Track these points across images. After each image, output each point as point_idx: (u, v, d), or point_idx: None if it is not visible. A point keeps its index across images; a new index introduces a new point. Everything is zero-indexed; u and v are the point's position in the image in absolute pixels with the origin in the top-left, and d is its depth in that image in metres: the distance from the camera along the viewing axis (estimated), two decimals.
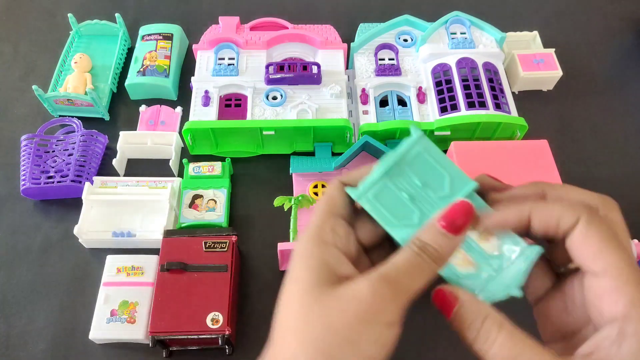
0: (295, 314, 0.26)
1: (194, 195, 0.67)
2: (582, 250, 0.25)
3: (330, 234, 0.28)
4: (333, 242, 0.28)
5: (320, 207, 0.29)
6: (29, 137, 0.70)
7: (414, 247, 0.27)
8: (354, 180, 0.30)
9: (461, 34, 0.77)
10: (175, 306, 0.55)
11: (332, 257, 0.27)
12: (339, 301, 0.25)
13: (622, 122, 0.79)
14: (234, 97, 0.73)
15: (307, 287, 0.26)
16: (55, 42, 0.85)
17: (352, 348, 0.24)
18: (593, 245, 0.25)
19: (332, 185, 0.30)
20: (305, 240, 0.28)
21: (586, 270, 0.25)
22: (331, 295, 0.25)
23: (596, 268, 0.24)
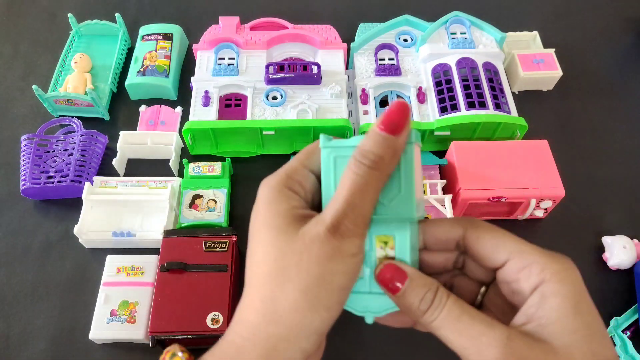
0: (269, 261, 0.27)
1: (194, 195, 0.67)
2: (481, 249, 0.28)
3: (296, 184, 0.29)
4: (298, 192, 0.29)
5: (297, 155, 0.30)
6: (29, 137, 0.70)
7: (354, 161, 0.27)
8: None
9: (461, 34, 0.77)
10: (175, 306, 0.55)
11: (297, 203, 0.28)
12: (305, 244, 0.26)
13: (622, 122, 0.79)
14: (234, 97, 0.73)
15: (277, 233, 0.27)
16: (55, 42, 0.85)
17: (326, 283, 0.26)
18: (487, 243, 0.28)
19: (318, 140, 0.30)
20: (272, 185, 0.28)
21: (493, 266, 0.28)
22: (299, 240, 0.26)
23: (500, 258, 0.27)
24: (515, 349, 0.24)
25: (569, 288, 0.25)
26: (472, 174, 0.65)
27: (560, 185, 0.64)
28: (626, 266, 0.65)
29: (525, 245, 0.27)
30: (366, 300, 0.30)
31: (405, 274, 0.28)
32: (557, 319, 0.24)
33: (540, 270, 0.25)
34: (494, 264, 0.28)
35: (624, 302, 0.64)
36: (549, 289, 0.25)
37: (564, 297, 0.25)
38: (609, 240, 0.66)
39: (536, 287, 0.25)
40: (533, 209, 0.65)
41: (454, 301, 0.27)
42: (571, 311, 0.24)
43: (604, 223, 0.70)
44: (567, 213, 0.69)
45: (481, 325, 0.26)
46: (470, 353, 0.26)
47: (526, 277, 0.26)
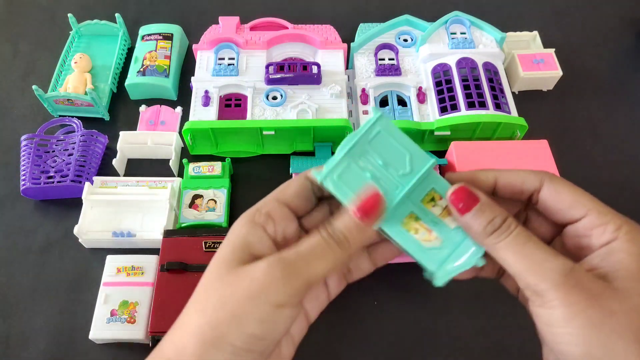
0: (201, 287, 0.28)
1: (194, 195, 0.67)
2: (558, 203, 0.29)
3: (263, 217, 0.29)
4: (263, 224, 0.29)
5: (271, 193, 0.31)
6: (29, 137, 0.70)
7: (323, 232, 0.28)
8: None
9: (461, 34, 0.77)
10: (175, 306, 0.54)
11: (254, 237, 0.28)
12: (236, 278, 0.26)
13: (622, 122, 0.79)
14: (234, 97, 0.73)
15: (219, 263, 0.28)
16: (55, 42, 0.85)
17: (237, 324, 0.26)
18: (566, 198, 0.29)
19: (296, 176, 0.32)
20: (239, 220, 0.29)
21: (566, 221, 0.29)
22: (234, 273, 0.27)
23: (577, 214, 0.28)
24: (576, 276, 0.25)
25: (637, 249, 0.26)
26: None
27: None
28: None
29: (602, 206, 0.28)
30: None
31: (477, 198, 0.29)
32: (621, 269, 0.25)
33: (615, 229, 0.27)
34: (569, 218, 0.29)
35: None
36: (618, 246, 0.26)
37: (631, 254, 0.26)
38: None
39: (607, 243, 0.27)
40: None
41: (522, 229, 0.28)
42: (636, 268, 0.25)
43: None
44: None
45: (546, 253, 0.26)
46: (529, 275, 0.26)
47: (599, 234, 0.27)
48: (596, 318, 0.24)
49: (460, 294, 0.63)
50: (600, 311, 0.24)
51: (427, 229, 0.31)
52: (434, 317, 0.62)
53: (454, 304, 0.63)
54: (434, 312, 0.62)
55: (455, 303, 0.63)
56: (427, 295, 0.63)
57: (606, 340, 0.23)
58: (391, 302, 0.62)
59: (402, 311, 0.62)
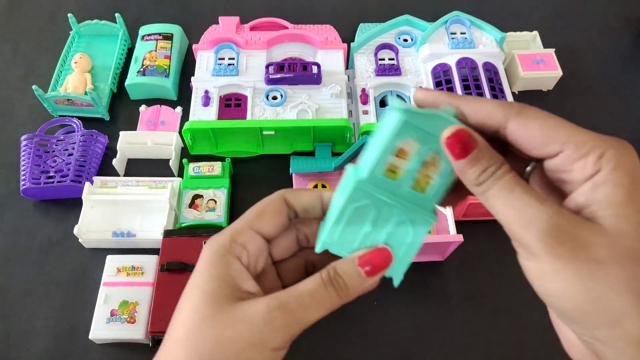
0: (190, 324, 0.27)
1: (194, 195, 0.67)
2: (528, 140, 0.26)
3: (239, 248, 0.28)
4: (239, 256, 0.28)
5: (245, 215, 0.30)
6: (29, 137, 0.70)
7: (324, 277, 0.27)
8: (298, 200, 0.30)
9: (461, 34, 0.77)
10: (175, 306, 0.55)
11: (235, 272, 0.28)
12: (233, 320, 0.26)
13: (622, 122, 0.80)
14: (234, 97, 0.73)
15: (207, 298, 0.27)
16: (55, 42, 0.85)
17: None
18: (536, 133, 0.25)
19: (270, 197, 0.30)
20: (215, 248, 0.29)
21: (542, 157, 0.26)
22: (228, 312, 0.26)
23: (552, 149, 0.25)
24: (561, 223, 0.23)
25: (622, 176, 0.23)
26: None
27: None
28: None
29: (581, 134, 0.25)
30: None
31: (476, 142, 0.26)
32: (607, 206, 0.23)
33: (596, 160, 0.24)
34: (543, 155, 0.26)
35: None
36: (602, 178, 0.24)
37: (616, 185, 0.23)
38: None
39: (590, 177, 0.24)
40: None
41: (511, 175, 0.25)
42: (624, 199, 0.23)
43: None
44: None
45: (532, 198, 0.24)
46: (514, 225, 0.24)
47: (581, 168, 0.24)
48: (584, 270, 0.22)
49: (460, 294, 0.63)
50: (587, 262, 0.22)
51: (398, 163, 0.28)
52: (434, 317, 0.62)
53: (454, 303, 0.63)
54: (434, 312, 0.62)
55: (455, 303, 0.63)
56: (427, 295, 0.63)
57: (596, 293, 0.22)
58: (391, 302, 0.62)
59: (402, 311, 0.62)
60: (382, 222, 0.29)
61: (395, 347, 0.60)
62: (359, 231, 0.29)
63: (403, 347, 0.60)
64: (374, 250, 0.28)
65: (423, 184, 0.29)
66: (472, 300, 0.63)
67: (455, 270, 0.65)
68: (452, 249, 0.62)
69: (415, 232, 0.29)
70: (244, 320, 0.26)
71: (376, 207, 0.29)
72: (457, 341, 0.60)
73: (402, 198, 0.29)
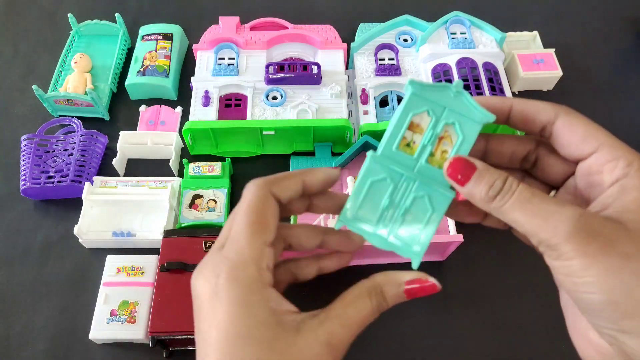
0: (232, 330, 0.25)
1: (194, 195, 0.67)
2: (570, 136, 0.28)
3: (266, 273, 0.27)
4: (269, 281, 0.27)
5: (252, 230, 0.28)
6: (29, 137, 0.70)
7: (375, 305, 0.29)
8: (284, 193, 0.30)
9: (461, 34, 0.77)
10: (175, 306, 0.55)
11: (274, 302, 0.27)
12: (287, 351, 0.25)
13: (622, 122, 0.79)
14: (234, 97, 0.73)
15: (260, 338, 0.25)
16: (55, 42, 0.85)
17: None
18: (579, 131, 0.28)
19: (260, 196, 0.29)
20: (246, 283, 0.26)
21: (577, 156, 0.28)
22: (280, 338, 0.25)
23: (589, 148, 0.27)
24: (587, 224, 0.24)
25: None
26: None
27: None
28: None
29: (615, 140, 0.27)
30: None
31: (474, 165, 0.28)
32: (633, 208, 0.25)
33: (627, 165, 0.26)
34: (581, 153, 0.28)
35: None
36: (631, 183, 0.25)
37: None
38: None
39: (618, 180, 0.26)
40: None
41: (524, 186, 0.27)
42: None
43: None
44: None
45: (553, 205, 0.25)
46: (541, 231, 0.25)
47: (610, 170, 0.26)
48: (613, 264, 0.23)
49: (460, 294, 0.63)
50: (616, 256, 0.23)
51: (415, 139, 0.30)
52: (434, 317, 0.62)
53: (454, 303, 0.63)
54: (434, 312, 0.62)
55: (455, 303, 0.63)
56: (427, 295, 0.63)
57: (625, 285, 0.23)
58: None
59: (402, 311, 0.62)
60: (400, 198, 0.30)
61: (395, 347, 0.60)
62: (377, 207, 0.30)
63: (403, 347, 0.60)
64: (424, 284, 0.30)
65: (440, 159, 0.30)
66: (472, 300, 0.63)
67: (455, 270, 0.65)
68: (452, 249, 0.62)
69: (434, 208, 0.30)
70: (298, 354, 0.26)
71: (393, 181, 0.30)
72: (457, 341, 0.60)
73: (419, 173, 0.30)
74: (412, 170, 0.30)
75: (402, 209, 0.30)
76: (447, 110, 0.29)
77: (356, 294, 0.28)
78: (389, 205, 0.30)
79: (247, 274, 0.26)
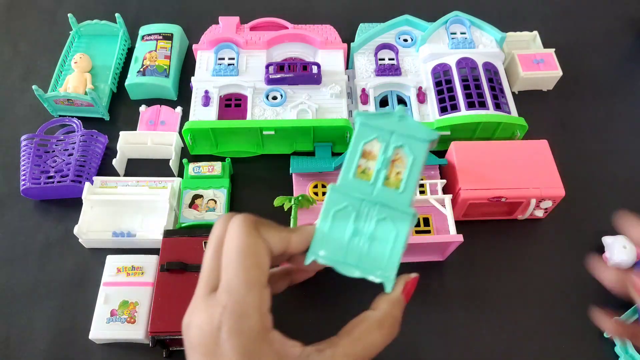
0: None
1: (194, 195, 0.67)
2: None
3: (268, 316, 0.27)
4: (271, 323, 0.27)
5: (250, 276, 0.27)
6: (29, 137, 0.70)
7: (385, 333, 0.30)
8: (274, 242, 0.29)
9: (461, 34, 0.77)
10: (175, 306, 0.55)
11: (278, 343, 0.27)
12: None
13: (622, 122, 0.79)
14: (234, 97, 0.73)
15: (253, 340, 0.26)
16: (55, 42, 0.85)
17: None
18: None
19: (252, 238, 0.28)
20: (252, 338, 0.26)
21: None
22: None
23: None
24: None
25: None
26: (472, 174, 0.65)
27: (560, 185, 0.64)
28: (626, 266, 0.65)
29: None
30: None
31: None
32: None
33: None
34: None
35: (624, 302, 0.63)
36: None
37: None
38: (609, 240, 0.66)
39: None
40: (533, 209, 0.65)
41: None
42: None
43: (604, 223, 0.69)
44: (567, 213, 0.69)
45: None
46: None
47: None
48: None
49: (460, 294, 0.63)
50: None
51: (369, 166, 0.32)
52: (434, 316, 0.62)
53: (454, 303, 0.63)
54: (434, 312, 0.62)
55: (455, 303, 0.63)
56: (427, 295, 0.63)
57: None
58: None
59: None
60: (363, 223, 0.31)
61: (394, 347, 0.60)
62: (344, 236, 0.31)
63: (403, 347, 0.60)
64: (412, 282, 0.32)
65: (395, 180, 0.32)
66: (472, 300, 0.63)
67: (455, 270, 0.65)
68: (452, 249, 0.62)
69: (397, 228, 0.31)
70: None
71: (354, 208, 0.31)
72: (457, 341, 0.60)
73: (377, 196, 0.32)
74: (371, 194, 0.31)
75: (367, 234, 0.31)
76: (394, 134, 0.32)
77: (364, 328, 0.29)
78: (354, 233, 0.31)
79: (251, 325, 0.26)
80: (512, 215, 0.68)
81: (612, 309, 0.63)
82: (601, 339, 0.61)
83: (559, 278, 0.65)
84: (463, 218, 0.67)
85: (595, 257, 0.34)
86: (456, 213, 0.66)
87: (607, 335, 0.60)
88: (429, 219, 0.65)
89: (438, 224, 0.65)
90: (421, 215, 0.66)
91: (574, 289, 0.65)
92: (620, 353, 0.59)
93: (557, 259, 0.67)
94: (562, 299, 0.64)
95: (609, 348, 0.60)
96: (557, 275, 0.65)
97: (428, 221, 0.65)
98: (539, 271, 0.66)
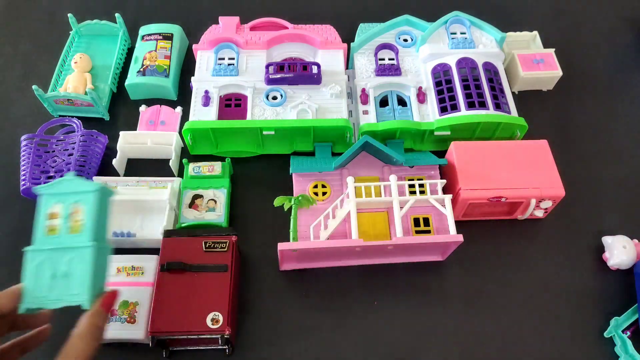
0: None
1: (194, 195, 0.67)
2: None
3: None
4: None
5: None
6: (29, 137, 0.70)
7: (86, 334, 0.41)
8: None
9: (461, 34, 0.77)
10: (175, 306, 0.55)
11: None
12: None
13: (622, 122, 0.80)
14: (234, 97, 0.73)
15: None
16: (55, 42, 0.85)
17: None
18: None
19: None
20: None
21: None
22: None
23: None
24: None
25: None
26: (472, 174, 0.65)
27: (560, 185, 0.64)
28: (626, 266, 0.65)
29: None
30: None
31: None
32: None
33: None
34: None
35: (624, 302, 0.63)
36: None
37: None
38: (609, 240, 0.66)
39: None
40: (533, 209, 0.65)
41: None
42: None
43: (604, 223, 0.69)
44: (567, 213, 0.69)
45: None
46: None
47: None
48: None
49: (460, 294, 0.63)
50: None
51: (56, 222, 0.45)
52: (434, 317, 0.62)
53: (454, 303, 0.63)
54: (434, 312, 0.62)
55: (455, 303, 0.63)
56: (427, 295, 0.63)
57: None
58: (391, 302, 0.62)
59: (402, 311, 0.62)
60: (58, 266, 0.43)
61: (395, 347, 0.60)
62: (46, 280, 0.42)
63: (403, 347, 0.60)
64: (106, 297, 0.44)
65: (76, 227, 0.43)
66: (472, 300, 0.63)
67: (455, 270, 0.65)
68: (452, 249, 0.62)
69: (82, 257, 0.43)
70: None
71: (49, 258, 0.43)
72: (457, 341, 0.60)
73: (65, 243, 0.43)
74: (60, 244, 0.43)
75: (62, 273, 0.42)
76: (71, 194, 0.44)
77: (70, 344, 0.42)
78: (52, 276, 0.42)
79: None
80: (512, 215, 0.68)
81: (611, 309, 0.63)
82: (601, 339, 0.61)
83: (559, 278, 0.65)
84: (463, 218, 0.67)
85: None
86: (456, 213, 0.66)
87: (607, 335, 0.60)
88: (429, 219, 0.65)
89: (438, 224, 0.65)
90: (421, 215, 0.66)
91: (574, 288, 0.65)
92: (620, 353, 0.59)
93: (557, 259, 0.67)
94: (562, 298, 0.64)
95: (609, 348, 0.60)
96: (557, 275, 0.66)
97: (428, 221, 0.65)
98: (539, 271, 0.66)
